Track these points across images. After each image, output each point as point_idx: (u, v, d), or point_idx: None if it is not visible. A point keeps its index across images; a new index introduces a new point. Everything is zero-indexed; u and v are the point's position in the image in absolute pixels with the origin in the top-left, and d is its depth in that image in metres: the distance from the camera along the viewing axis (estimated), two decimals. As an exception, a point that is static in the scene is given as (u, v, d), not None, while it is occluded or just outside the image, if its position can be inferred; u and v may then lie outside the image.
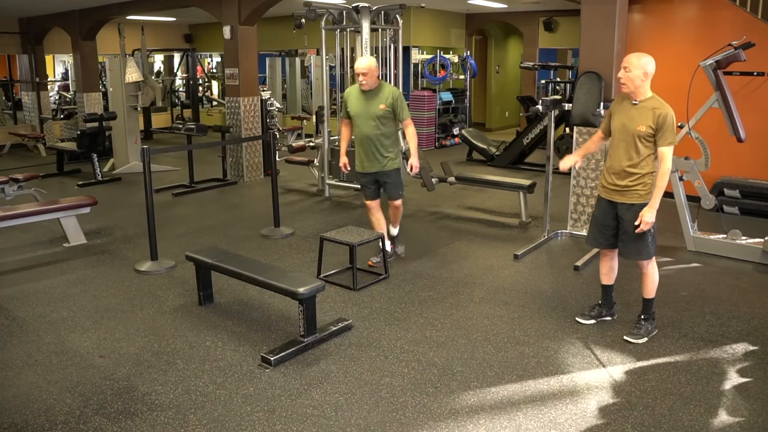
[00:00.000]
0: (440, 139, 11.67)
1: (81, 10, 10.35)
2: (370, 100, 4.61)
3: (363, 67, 4.54)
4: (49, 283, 4.65)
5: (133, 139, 9.05)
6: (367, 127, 4.64)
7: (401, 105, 4.64)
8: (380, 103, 4.58)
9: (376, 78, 4.61)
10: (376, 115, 4.60)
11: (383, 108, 4.58)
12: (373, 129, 4.63)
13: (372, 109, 4.60)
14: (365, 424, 2.82)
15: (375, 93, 4.62)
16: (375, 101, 4.60)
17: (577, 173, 5.58)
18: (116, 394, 3.07)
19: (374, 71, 4.58)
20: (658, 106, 3.38)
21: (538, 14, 12.29)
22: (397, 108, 4.62)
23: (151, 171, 4.85)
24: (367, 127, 4.64)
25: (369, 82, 4.57)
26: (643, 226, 3.39)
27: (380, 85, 4.66)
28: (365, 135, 4.66)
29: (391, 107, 4.60)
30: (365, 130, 4.65)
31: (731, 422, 2.80)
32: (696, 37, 6.59)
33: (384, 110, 4.59)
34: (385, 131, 4.66)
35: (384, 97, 4.60)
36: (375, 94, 4.62)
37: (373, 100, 4.60)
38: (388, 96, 4.60)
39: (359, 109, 4.66)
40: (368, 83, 4.58)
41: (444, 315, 4.00)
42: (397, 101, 4.61)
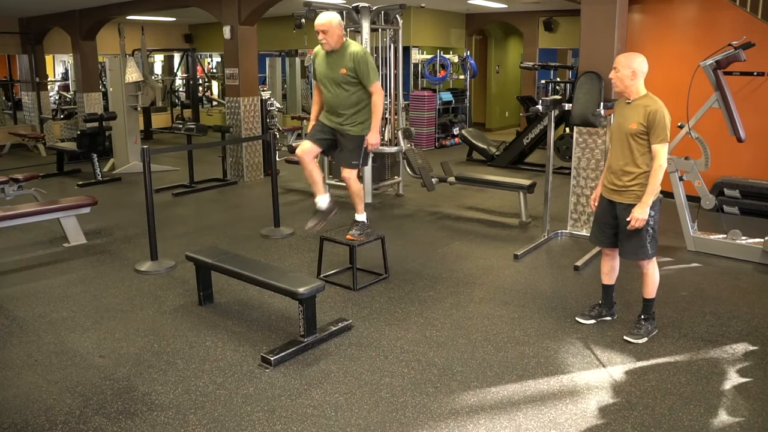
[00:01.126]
0: (440, 139, 11.67)
1: (81, 10, 10.35)
2: (333, 64, 4.13)
3: (322, 24, 4.03)
4: (49, 283, 4.65)
5: (133, 139, 9.05)
6: (330, 94, 4.20)
7: (365, 68, 4.08)
8: (342, 66, 4.09)
9: (339, 37, 4.09)
10: (338, 80, 4.12)
11: (344, 73, 4.08)
12: (335, 96, 4.17)
13: (334, 72, 4.12)
14: (365, 424, 2.82)
15: (339, 55, 4.12)
16: (337, 64, 4.11)
17: (577, 173, 5.58)
18: (116, 394, 3.07)
19: (336, 29, 4.05)
20: (650, 103, 3.38)
21: (538, 14, 12.28)
22: (360, 72, 4.08)
23: (151, 171, 4.85)
24: (331, 93, 4.19)
25: (330, 41, 4.05)
26: (635, 222, 3.38)
27: (344, 45, 4.14)
28: (330, 102, 4.23)
29: (354, 72, 4.08)
30: (328, 96, 4.21)
31: (731, 422, 2.81)
32: (696, 37, 6.59)
33: (345, 75, 4.09)
34: (352, 99, 4.17)
35: (346, 60, 4.09)
36: (338, 57, 4.12)
37: (336, 64, 4.12)
38: (350, 59, 4.07)
39: (323, 72, 4.20)
40: (329, 43, 4.06)
41: (444, 315, 4.00)
42: (359, 64, 4.06)
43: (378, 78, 4.16)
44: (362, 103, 4.21)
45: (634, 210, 3.39)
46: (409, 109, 11.20)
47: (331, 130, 4.32)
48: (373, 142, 4.20)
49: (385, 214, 6.66)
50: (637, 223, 3.39)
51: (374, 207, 6.95)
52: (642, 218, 3.37)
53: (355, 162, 4.31)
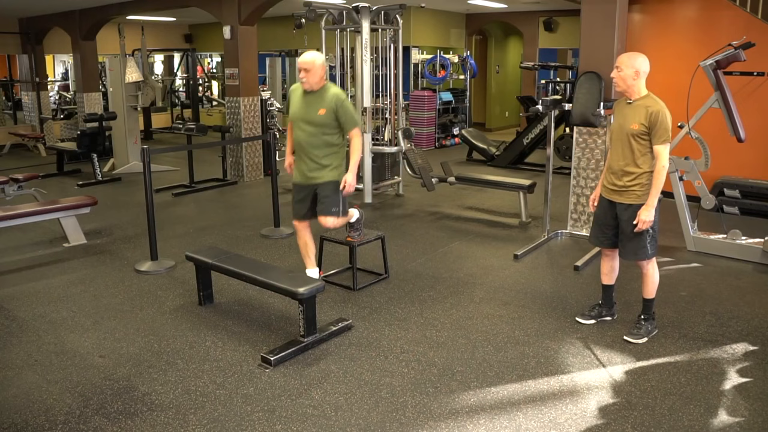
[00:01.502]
0: (440, 139, 11.67)
1: (81, 10, 10.35)
2: (311, 104, 3.95)
3: (306, 62, 3.87)
4: (49, 283, 4.65)
5: (133, 139, 9.05)
6: (303, 134, 3.99)
7: (348, 113, 3.95)
8: (320, 108, 3.92)
9: (321, 78, 3.93)
10: (315, 121, 3.94)
11: (322, 114, 3.92)
12: (308, 137, 3.97)
13: (311, 113, 3.94)
14: (365, 424, 2.82)
15: (318, 96, 3.95)
16: (316, 105, 3.93)
17: (577, 173, 5.58)
18: (116, 394, 3.07)
19: (319, 69, 3.89)
20: (651, 104, 3.38)
21: (538, 14, 12.28)
22: (340, 116, 3.93)
23: (151, 171, 4.85)
24: (304, 133, 3.99)
25: (311, 81, 3.90)
26: (641, 225, 3.39)
27: (325, 87, 3.98)
28: (300, 142, 4.02)
29: (334, 114, 3.92)
30: (301, 136, 4.01)
31: (731, 422, 2.81)
32: (696, 37, 6.60)
33: (323, 117, 3.92)
34: (325, 140, 3.98)
35: (326, 101, 3.92)
36: (317, 97, 3.95)
37: (314, 104, 3.94)
38: (330, 101, 3.91)
39: (298, 111, 4.01)
40: (309, 83, 3.90)
41: (444, 315, 4.00)
42: (342, 108, 3.92)
43: (360, 123, 4.04)
44: (335, 147, 4.04)
45: (640, 213, 3.39)
46: (409, 109, 11.20)
47: (310, 192, 4.11)
48: (350, 182, 4.00)
49: (385, 214, 6.66)
50: (644, 225, 3.39)
51: (374, 207, 6.95)
52: (649, 220, 3.38)
53: (335, 209, 4.06)
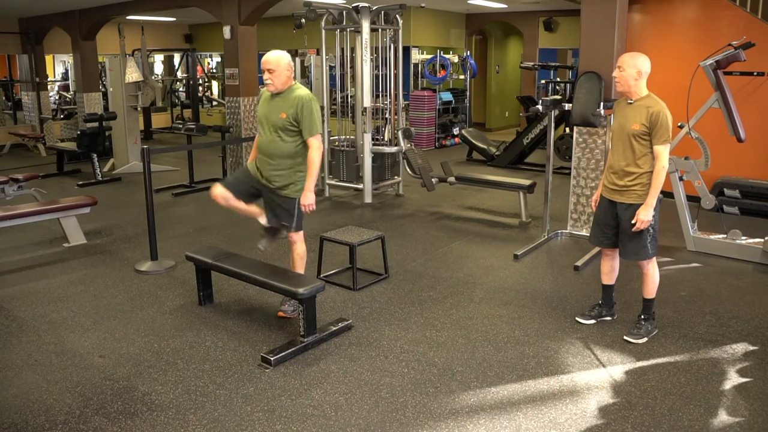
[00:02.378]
0: (440, 139, 11.67)
1: (81, 10, 10.35)
2: (275, 106, 3.70)
3: (270, 61, 3.61)
4: (49, 283, 4.65)
5: (133, 139, 9.05)
6: (265, 138, 3.74)
7: (308, 116, 3.62)
8: (282, 110, 3.64)
9: (287, 79, 3.66)
10: (276, 125, 3.67)
11: (283, 117, 3.63)
12: (270, 143, 3.71)
13: (274, 116, 3.68)
14: (365, 424, 2.82)
15: (282, 98, 3.69)
16: (278, 108, 3.68)
17: (577, 173, 5.58)
18: (116, 394, 3.07)
19: (284, 69, 3.62)
20: (652, 104, 3.38)
21: (538, 14, 12.28)
22: (301, 120, 3.63)
23: (151, 171, 4.85)
24: (266, 138, 3.73)
25: (276, 82, 3.63)
26: (640, 224, 3.39)
27: (291, 88, 3.71)
28: (263, 148, 3.76)
29: (294, 119, 3.63)
30: (263, 140, 3.75)
31: (731, 422, 2.81)
32: (696, 37, 6.60)
33: (284, 120, 3.64)
34: (287, 149, 3.69)
35: (289, 104, 3.65)
36: (281, 100, 3.69)
37: (278, 107, 3.69)
38: (293, 104, 3.63)
39: (263, 113, 3.77)
40: (275, 84, 3.64)
41: (444, 315, 4.00)
42: (302, 111, 3.61)
43: (321, 131, 3.71)
44: (299, 157, 3.73)
45: (639, 212, 3.39)
46: (409, 109, 11.21)
47: (258, 183, 3.83)
48: (307, 203, 3.72)
49: (385, 214, 6.66)
50: (642, 225, 3.39)
51: (374, 207, 6.95)
52: (647, 220, 3.38)
53: (286, 224, 3.82)
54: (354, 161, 7.28)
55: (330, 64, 9.02)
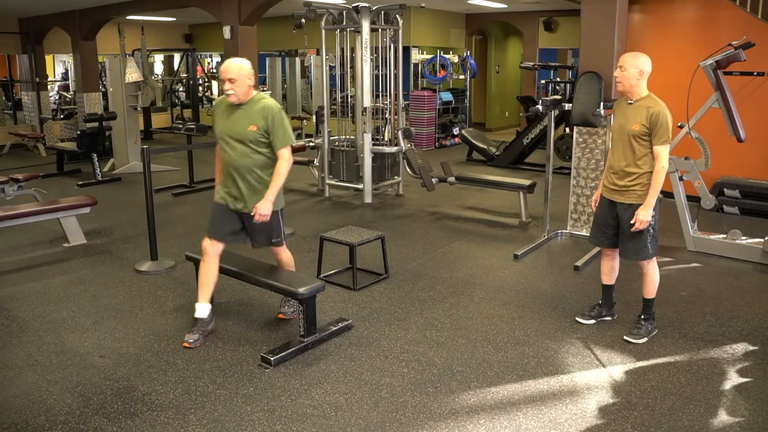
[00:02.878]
0: (440, 139, 11.67)
1: (81, 10, 10.35)
2: (240, 118, 3.48)
3: (230, 70, 3.40)
4: (49, 283, 4.65)
5: (133, 139, 9.05)
6: (232, 153, 3.49)
7: (280, 128, 3.46)
8: (251, 123, 3.45)
9: (249, 88, 3.47)
10: (246, 138, 3.46)
11: (254, 130, 3.45)
12: (241, 157, 3.48)
13: (240, 129, 3.47)
14: (365, 424, 2.82)
15: (247, 109, 3.49)
16: (245, 120, 3.47)
17: (577, 173, 5.58)
18: (116, 394, 3.07)
19: (246, 78, 3.43)
20: (652, 104, 3.38)
21: (538, 14, 12.29)
22: (272, 130, 3.45)
23: (151, 171, 4.85)
24: (233, 153, 3.49)
25: (238, 92, 3.42)
26: (639, 225, 3.39)
27: (255, 98, 3.51)
28: (231, 163, 3.52)
29: (265, 131, 3.46)
30: (230, 156, 3.51)
31: (731, 422, 2.81)
32: (696, 37, 6.60)
33: (255, 133, 3.45)
34: (259, 161, 3.51)
35: (257, 115, 3.46)
36: (247, 111, 3.48)
37: (243, 119, 3.47)
38: (262, 115, 3.45)
39: (225, 127, 3.53)
40: (237, 94, 3.43)
41: (444, 315, 4.00)
42: (274, 122, 3.44)
43: (293, 141, 3.55)
44: (272, 168, 3.55)
45: (638, 212, 3.40)
46: (409, 109, 11.21)
47: (238, 218, 3.64)
48: (264, 212, 3.47)
49: (385, 214, 6.66)
50: (641, 225, 3.39)
51: (374, 207, 6.95)
52: (646, 220, 3.38)
53: (276, 239, 3.68)
54: (354, 161, 7.28)
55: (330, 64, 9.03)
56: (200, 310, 3.66)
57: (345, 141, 7.66)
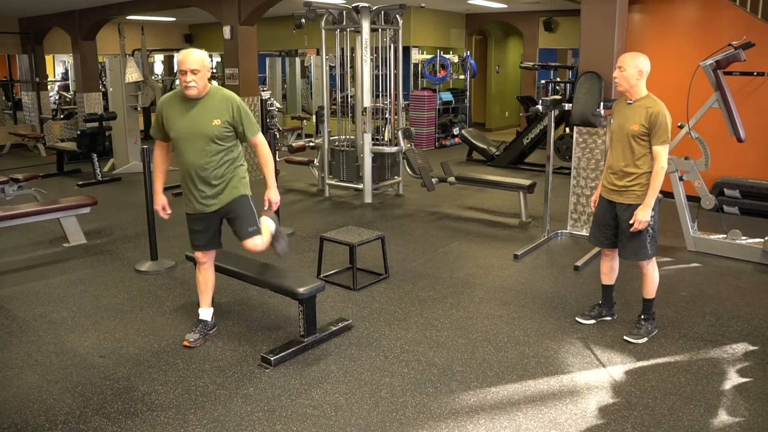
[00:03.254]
0: (440, 139, 11.67)
1: (81, 10, 10.35)
2: (199, 114, 3.24)
3: (193, 62, 3.15)
4: (49, 283, 4.65)
5: (133, 139, 9.05)
6: (195, 153, 3.27)
7: (246, 117, 3.30)
8: (214, 117, 3.23)
9: (206, 81, 3.26)
10: (210, 134, 3.24)
11: (218, 124, 3.24)
12: (203, 155, 3.27)
13: (202, 125, 3.23)
14: (365, 424, 2.82)
15: (205, 103, 3.25)
16: (206, 115, 3.23)
17: (577, 173, 5.58)
18: (116, 394, 3.07)
19: (206, 69, 3.22)
20: (651, 104, 3.38)
21: (538, 14, 12.29)
22: (240, 122, 3.29)
23: (151, 171, 4.84)
24: (195, 152, 3.26)
25: (199, 85, 3.18)
26: (638, 225, 3.39)
27: (211, 92, 3.29)
28: (194, 164, 3.28)
29: (230, 123, 3.28)
30: (193, 157, 3.27)
31: (731, 422, 2.81)
32: (696, 37, 6.60)
33: (219, 127, 3.24)
34: (225, 157, 3.33)
35: (218, 108, 3.25)
36: (206, 105, 3.25)
37: (204, 114, 3.24)
38: (225, 107, 3.26)
39: (184, 126, 3.25)
40: (198, 87, 3.18)
41: (444, 315, 4.00)
42: (240, 112, 3.28)
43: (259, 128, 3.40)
44: (238, 160, 3.41)
45: (637, 212, 3.39)
46: (409, 109, 11.21)
47: (217, 218, 3.47)
48: (276, 199, 3.44)
49: (385, 214, 6.66)
50: (640, 225, 3.39)
51: (374, 207, 6.95)
52: (645, 220, 3.38)
53: (253, 228, 3.46)
54: (354, 161, 7.28)
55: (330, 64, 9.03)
56: (203, 314, 3.70)
57: (345, 141, 7.66)
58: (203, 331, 3.64)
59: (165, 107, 3.32)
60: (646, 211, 3.39)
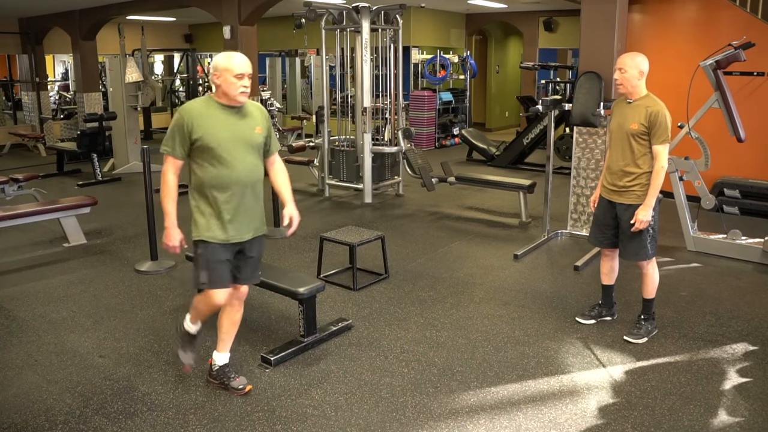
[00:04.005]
0: (440, 139, 11.67)
1: (81, 10, 10.35)
2: (244, 122, 2.87)
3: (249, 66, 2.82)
4: (49, 283, 4.65)
5: (133, 139, 9.05)
6: (244, 165, 2.85)
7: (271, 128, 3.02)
8: (255, 125, 2.90)
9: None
10: (254, 144, 2.89)
11: (260, 132, 2.91)
12: (252, 168, 2.89)
13: (249, 134, 2.88)
14: (365, 424, 2.82)
15: (244, 110, 2.89)
16: (249, 123, 2.89)
17: (577, 173, 5.58)
18: (116, 394, 3.07)
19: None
20: (651, 104, 3.38)
21: (538, 14, 12.29)
22: (270, 133, 2.99)
23: (151, 171, 4.85)
24: (245, 165, 2.85)
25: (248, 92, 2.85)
26: (639, 225, 3.39)
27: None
28: (239, 180, 2.84)
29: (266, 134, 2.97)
30: (241, 170, 2.84)
31: (731, 422, 2.80)
32: (696, 37, 6.60)
33: (261, 136, 2.92)
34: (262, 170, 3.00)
35: (256, 116, 2.93)
36: (244, 112, 2.89)
37: (247, 122, 2.88)
38: (261, 115, 2.96)
39: (230, 135, 2.81)
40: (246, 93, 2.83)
41: (444, 315, 4.00)
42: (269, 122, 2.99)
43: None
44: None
45: (638, 212, 3.39)
46: (409, 109, 11.21)
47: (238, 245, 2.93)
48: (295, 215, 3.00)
49: (385, 214, 6.66)
50: (641, 225, 3.39)
51: (374, 207, 6.95)
52: (646, 220, 3.38)
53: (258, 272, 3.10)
54: (354, 161, 7.28)
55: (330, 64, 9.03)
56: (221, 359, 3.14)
57: (345, 141, 7.66)
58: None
59: (196, 117, 2.78)
60: (646, 210, 3.39)
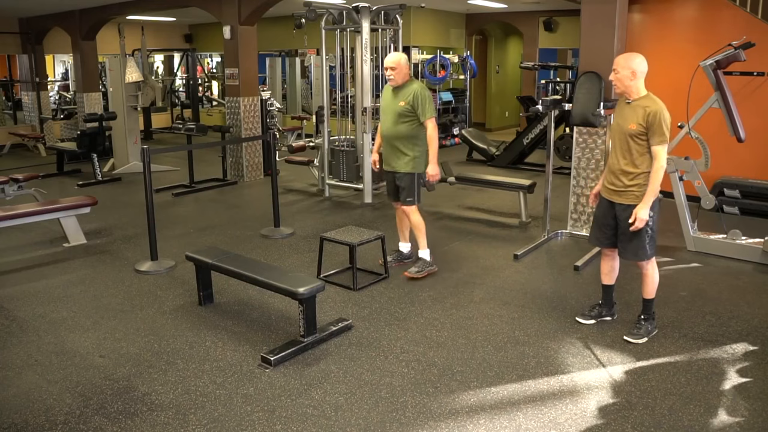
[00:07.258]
0: (440, 139, 11.65)
1: (81, 10, 10.35)
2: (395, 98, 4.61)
3: (390, 61, 4.56)
4: (49, 283, 4.65)
5: (133, 139, 9.06)
6: (386, 123, 4.65)
7: (422, 104, 4.52)
8: (401, 99, 4.53)
9: (405, 75, 4.59)
10: (396, 111, 4.56)
11: (403, 105, 4.52)
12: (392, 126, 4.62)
13: (393, 105, 4.60)
14: (365, 424, 2.82)
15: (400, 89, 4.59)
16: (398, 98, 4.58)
17: (577, 173, 5.58)
18: (116, 394, 3.07)
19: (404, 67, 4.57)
20: (649, 104, 3.38)
21: (538, 14, 12.28)
22: (418, 106, 4.52)
23: (151, 171, 4.85)
24: (387, 123, 4.65)
25: (397, 78, 4.55)
26: (638, 223, 3.39)
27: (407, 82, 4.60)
28: (384, 132, 4.70)
29: (411, 105, 4.51)
30: (384, 126, 4.68)
31: (731, 422, 2.81)
32: (696, 37, 6.59)
33: (404, 107, 4.51)
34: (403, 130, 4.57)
35: (405, 93, 4.54)
36: (399, 92, 4.59)
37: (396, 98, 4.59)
38: (410, 93, 4.52)
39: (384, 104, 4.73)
40: (395, 80, 4.56)
41: (444, 315, 4.00)
42: (416, 99, 4.51)
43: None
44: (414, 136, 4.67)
45: (636, 210, 3.39)
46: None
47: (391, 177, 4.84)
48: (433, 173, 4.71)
49: (385, 214, 6.66)
50: (639, 223, 3.39)
51: (374, 207, 6.95)
52: (644, 219, 3.38)
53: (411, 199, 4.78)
54: (354, 161, 7.28)
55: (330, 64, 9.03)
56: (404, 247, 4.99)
57: (345, 141, 7.66)
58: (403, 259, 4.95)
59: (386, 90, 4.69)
60: (645, 209, 3.38)
